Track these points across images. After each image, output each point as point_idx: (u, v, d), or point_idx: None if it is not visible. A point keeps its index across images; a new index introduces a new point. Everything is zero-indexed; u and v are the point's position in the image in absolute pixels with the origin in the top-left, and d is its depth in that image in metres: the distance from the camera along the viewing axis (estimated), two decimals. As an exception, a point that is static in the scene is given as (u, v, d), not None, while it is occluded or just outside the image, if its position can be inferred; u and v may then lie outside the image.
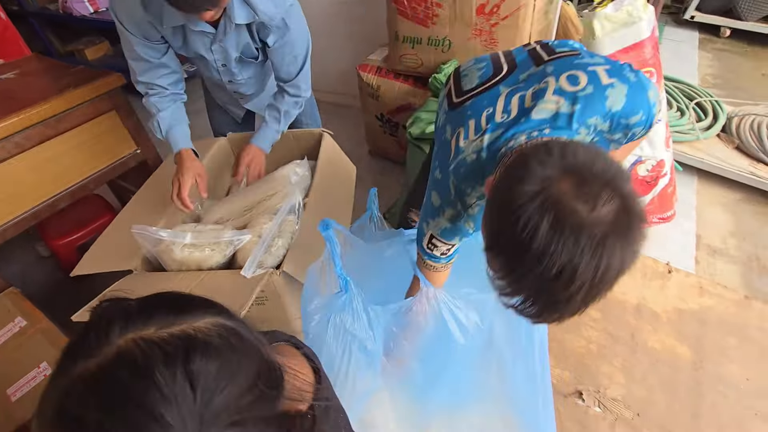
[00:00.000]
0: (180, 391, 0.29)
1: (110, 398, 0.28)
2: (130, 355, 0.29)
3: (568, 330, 1.48)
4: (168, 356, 0.30)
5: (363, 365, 0.88)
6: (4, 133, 1.22)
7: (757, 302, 1.54)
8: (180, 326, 0.32)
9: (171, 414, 0.28)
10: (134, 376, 0.29)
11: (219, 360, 0.31)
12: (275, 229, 0.97)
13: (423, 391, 1.03)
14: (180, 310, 0.34)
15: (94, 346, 0.30)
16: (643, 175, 1.65)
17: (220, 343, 0.33)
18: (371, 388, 0.93)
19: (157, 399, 0.28)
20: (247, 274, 0.89)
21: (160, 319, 0.32)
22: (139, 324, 0.31)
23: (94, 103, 1.40)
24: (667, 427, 1.23)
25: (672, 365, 1.37)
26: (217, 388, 0.30)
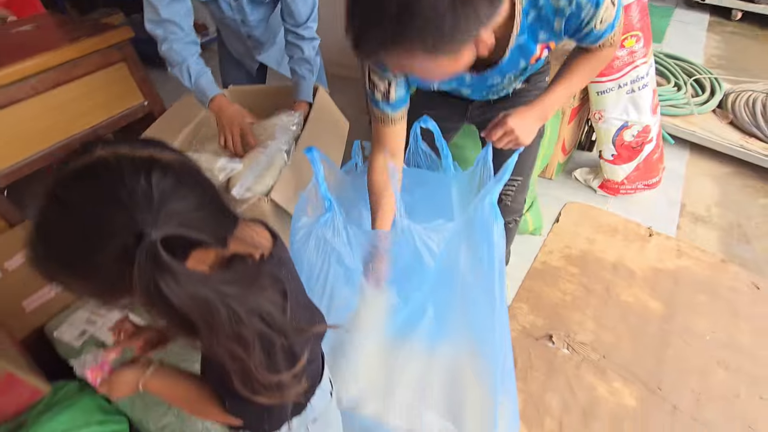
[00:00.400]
0: (141, 189, 0.37)
1: (88, 186, 0.37)
2: (107, 160, 0.38)
3: (547, 283, 1.56)
4: (135, 164, 0.38)
5: (341, 279, 0.97)
6: (22, 74, 1.32)
7: (732, 265, 1.60)
8: (148, 151, 0.41)
9: (132, 199, 0.37)
10: (108, 173, 0.37)
11: (176, 178, 0.40)
12: (265, 161, 1.05)
13: (399, 328, 1.11)
14: (151, 144, 0.42)
15: (81, 155, 0.39)
16: (629, 141, 1.69)
17: (179, 168, 0.41)
18: (349, 304, 1.01)
19: (123, 190, 0.37)
20: (236, 194, 0.98)
21: (132, 145, 0.41)
22: (116, 145, 0.40)
23: (104, 53, 1.49)
24: (630, 369, 1.30)
25: (642, 317, 1.44)
26: (172, 196, 0.39)
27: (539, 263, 1.63)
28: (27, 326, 1.11)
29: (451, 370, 1.07)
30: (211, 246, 0.44)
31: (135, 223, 0.36)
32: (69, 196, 0.37)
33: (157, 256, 0.36)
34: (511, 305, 1.49)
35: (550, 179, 1.99)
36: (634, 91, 1.58)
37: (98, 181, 0.37)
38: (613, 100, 1.61)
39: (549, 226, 1.78)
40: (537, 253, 1.67)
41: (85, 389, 0.97)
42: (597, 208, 1.84)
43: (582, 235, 1.72)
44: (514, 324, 1.43)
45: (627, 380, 1.28)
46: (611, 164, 1.77)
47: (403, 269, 1.03)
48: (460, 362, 1.07)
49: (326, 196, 0.94)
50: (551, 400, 1.24)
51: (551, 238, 1.72)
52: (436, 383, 1.08)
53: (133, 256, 0.36)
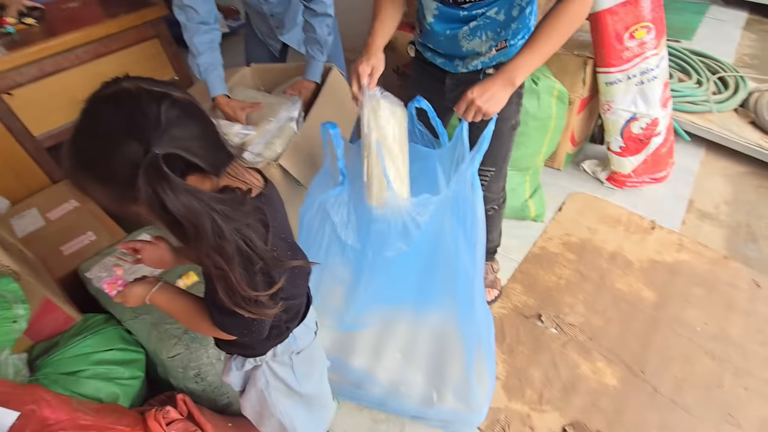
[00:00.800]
0: (153, 114, 0.47)
1: (112, 107, 0.48)
2: (129, 89, 0.48)
3: (543, 267, 1.60)
4: (151, 95, 0.48)
5: (335, 248, 1.06)
6: (69, 45, 1.47)
7: (734, 262, 1.60)
8: (164, 88, 0.50)
9: (144, 120, 0.47)
10: (128, 99, 0.48)
11: (182, 111, 0.50)
12: (275, 130, 1.15)
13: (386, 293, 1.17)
14: (167, 84, 0.52)
15: (110, 85, 0.49)
16: (636, 133, 1.71)
17: (187, 104, 0.51)
18: (340, 276, 1.10)
19: (138, 113, 0.47)
20: (246, 158, 1.09)
21: (151, 82, 0.51)
22: (138, 80, 0.50)
23: (140, 30, 1.63)
24: (615, 351, 1.35)
25: (633, 304, 1.47)
26: (177, 124, 0.49)
27: (538, 248, 1.68)
28: (64, 267, 1.26)
29: (437, 337, 1.15)
30: (206, 173, 0.54)
31: (145, 140, 0.46)
32: (96, 113, 0.48)
33: (159, 167, 0.46)
34: (505, 285, 1.55)
35: (559, 169, 2.02)
36: (644, 83, 1.59)
37: (120, 104, 0.48)
38: (622, 91, 1.62)
39: (552, 214, 1.82)
40: (537, 239, 1.71)
41: (110, 321, 1.11)
42: (602, 200, 1.86)
43: (583, 225, 1.75)
44: (506, 302, 1.50)
45: (611, 361, 1.32)
46: (619, 156, 1.79)
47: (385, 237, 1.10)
48: (445, 330, 1.14)
49: (343, 171, 1.01)
50: (534, 374, 1.30)
51: (552, 226, 1.76)
52: (422, 347, 1.16)
53: (139, 165, 0.46)
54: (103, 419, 0.88)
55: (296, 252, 0.70)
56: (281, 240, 0.64)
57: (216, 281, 0.54)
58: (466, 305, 1.06)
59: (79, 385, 0.95)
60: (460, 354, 1.10)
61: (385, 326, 1.17)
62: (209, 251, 0.51)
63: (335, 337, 1.18)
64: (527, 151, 1.57)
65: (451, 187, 0.95)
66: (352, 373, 1.18)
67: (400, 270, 1.07)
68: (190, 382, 1.05)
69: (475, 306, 1.08)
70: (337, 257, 1.09)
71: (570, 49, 1.69)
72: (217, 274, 0.53)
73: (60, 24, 1.58)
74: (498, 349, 1.37)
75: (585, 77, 1.68)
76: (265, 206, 0.62)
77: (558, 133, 1.64)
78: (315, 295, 1.11)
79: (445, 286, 1.07)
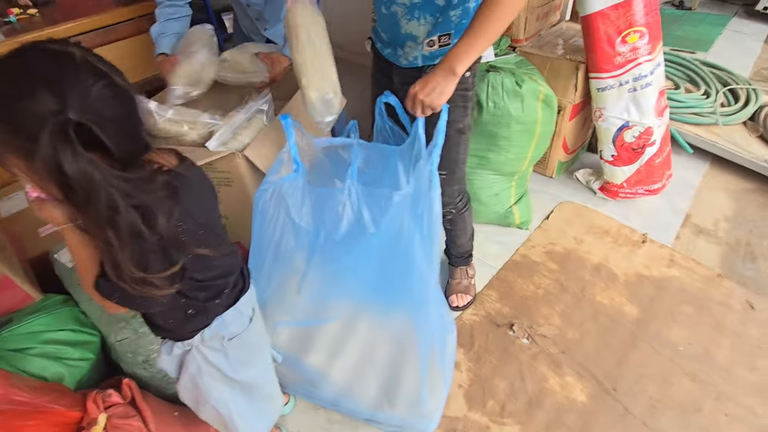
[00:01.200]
0: (84, 85, 0.48)
1: (51, 58, 0.49)
2: (74, 54, 0.49)
3: (522, 275, 1.55)
4: (92, 69, 0.49)
5: (289, 232, 1.05)
6: (63, 34, 1.52)
7: (729, 281, 1.51)
8: (109, 70, 0.52)
9: (73, 83, 0.47)
10: (69, 62, 0.49)
11: (114, 94, 0.51)
12: (243, 120, 1.15)
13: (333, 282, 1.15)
14: (115, 70, 0.53)
15: (61, 44, 0.51)
16: (629, 142, 1.64)
17: (120, 90, 0.52)
18: (294, 264, 1.08)
19: (72, 77, 0.48)
20: (210, 146, 1.09)
21: (102, 60, 0.52)
22: (90, 53, 0.51)
23: (136, 22, 1.67)
24: (587, 366, 1.28)
25: (613, 319, 1.40)
26: (102, 103, 0.49)
27: (519, 256, 1.62)
28: (37, 248, 1.29)
29: (392, 340, 1.11)
30: (114, 157, 0.53)
31: (64, 101, 0.46)
32: (32, 56, 0.49)
33: (66, 130, 0.46)
34: (481, 292, 1.51)
35: (551, 177, 1.96)
36: (637, 89, 1.53)
37: (57, 61, 0.48)
38: (614, 97, 1.57)
39: (539, 222, 1.76)
40: (519, 247, 1.66)
41: (68, 302, 1.12)
42: (592, 210, 1.79)
43: (570, 234, 1.69)
44: (479, 309, 1.45)
45: (582, 377, 1.26)
46: (611, 165, 1.72)
47: (346, 234, 1.08)
48: (401, 333, 1.11)
49: (296, 159, 1.02)
50: (499, 384, 1.25)
51: (537, 234, 1.71)
52: (377, 349, 1.13)
53: (47, 121, 0.45)
54: (40, 397, 0.88)
55: (210, 237, 0.68)
56: (193, 221, 0.63)
57: (102, 254, 0.53)
58: (421, 306, 1.03)
59: (24, 363, 0.96)
60: (414, 358, 1.07)
61: (342, 326, 1.14)
62: (99, 224, 0.51)
63: (291, 333, 1.17)
64: (509, 155, 1.52)
65: (411, 184, 0.93)
66: (306, 370, 1.16)
67: (354, 261, 1.05)
68: (139, 368, 1.05)
69: (429, 308, 1.05)
70: (291, 241, 1.08)
71: (562, 53, 1.65)
72: (103, 248, 0.52)
73: (64, 13, 1.63)
74: (464, 356, 1.32)
75: (577, 83, 1.63)
76: (178, 183, 0.61)
77: (546, 138, 1.60)
78: (268, 286, 1.11)
79: (401, 286, 1.05)
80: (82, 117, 0.47)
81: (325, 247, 1.03)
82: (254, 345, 0.85)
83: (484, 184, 1.62)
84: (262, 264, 1.09)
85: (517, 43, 1.72)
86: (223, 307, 0.75)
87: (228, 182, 1.22)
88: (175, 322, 0.71)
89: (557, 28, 1.89)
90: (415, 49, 1.01)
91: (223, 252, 0.71)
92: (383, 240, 1.01)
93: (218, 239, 0.70)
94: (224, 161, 1.16)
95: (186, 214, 0.60)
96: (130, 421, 0.95)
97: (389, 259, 1.03)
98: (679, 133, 1.97)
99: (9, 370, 0.91)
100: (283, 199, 1.03)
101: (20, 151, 0.48)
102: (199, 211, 0.66)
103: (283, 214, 1.02)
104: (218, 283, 0.72)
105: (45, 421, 0.86)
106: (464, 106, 1.05)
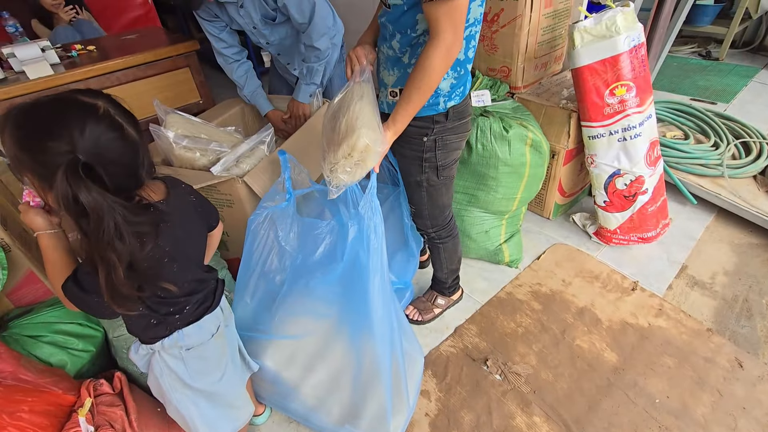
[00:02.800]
0: (96, 133, 0.62)
1: (76, 109, 0.62)
2: (98, 109, 0.63)
3: (504, 313, 1.58)
4: (109, 122, 0.63)
5: (275, 254, 1.17)
6: (111, 68, 1.77)
7: (718, 337, 1.47)
8: (126, 124, 0.66)
9: (86, 136, 0.61)
10: (91, 113, 0.62)
11: (122, 145, 0.65)
12: (246, 149, 1.30)
13: None
14: (132, 121, 0.67)
15: (90, 95, 0.65)
16: (620, 189, 1.67)
17: (128, 140, 0.66)
18: (273, 277, 1.19)
19: (89, 127, 0.61)
20: (214, 171, 1.25)
21: (124, 115, 0.66)
22: (114, 106, 0.65)
23: (174, 59, 1.92)
24: (556, 409, 1.29)
25: (591, 364, 1.40)
26: (108, 149, 0.63)
27: (504, 293, 1.66)
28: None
29: (362, 362, 1.18)
30: (109, 190, 0.66)
31: (76, 144, 0.60)
32: (67, 106, 0.62)
33: (76, 168, 0.60)
34: (461, 325, 1.55)
35: (548, 218, 2.00)
36: (627, 139, 1.58)
37: (83, 113, 0.62)
38: (605, 145, 1.62)
39: (530, 261, 1.79)
40: (506, 284, 1.70)
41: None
42: (584, 253, 1.81)
43: (558, 276, 1.71)
44: (457, 342, 1.49)
45: (549, 418, 1.27)
46: (604, 211, 1.75)
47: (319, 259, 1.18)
48: (370, 355, 1.17)
49: (289, 190, 1.16)
50: (465, 416, 1.28)
51: (526, 273, 1.74)
52: (347, 370, 1.20)
53: (62, 159, 0.59)
54: (43, 379, 1.02)
55: (181, 269, 0.79)
56: (163, 253, 0.74)
57: (102, 274, 0.64)
58: (378, 329, 1.10)
59: (35, 348, 1.10)
60: (378, 379, 1.13)
61: (317, 344, 1.22)
62: (105, 246, 0.63)
63: (271, 346, 1.26)
64: (497, 195, 1.59)
65: (354, 219, 1.04)
66: (281, 384, 1.24)
67: (321, 282, 1.14)
68: (130, 364, 1.17)
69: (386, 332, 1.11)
70: (275, 261, 1.21)
71: (557, 101, 1.73)
72: (104, 269, 0.64)
73: (111, 51, 1.90)
74: (436, 386, 1.36)
75: (570, 130, 1.70)
76: (156, 218, 0.72)
77: (536, 181, 1.66)
78: (251, 300, 1.22)
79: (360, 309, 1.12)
80: (89, 158, 0.61)
81: (301, 268, 1.14)
82: (212, 359, 0.93)
83: (474, 221, 1.69)
84: (248, 279, 1.21)
85: (516, 90, 1.82)
86: (183, 322, 0.85)
87: (229, 203, 1.36)
88: (137, 328, 0.83)
89: (560, 77, 1.97)
90: (386, 96, 1.13)
91: (189, 279, 0.82)
92: (346, 267, 1.11)
93: (191, 267, 0.82)
94: (226, 185, 1.31)
95: (158, 247, 0.72)
96: (115, 409, 1.06)
97: (350, 284, 1.12)
98: (683, 183, 1.97)
99: (21, 353, 1.06)
100: (274, 224, 1.16)
101: (40, 177, 0.63)
102: (175, 243, 0.77)
103: (272, 237, 1.15)
104: (180, 301, 0.82)
105: (43, 400, 0.99)
106: (419, 165, 1.14)
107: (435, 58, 0.88)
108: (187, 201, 0.83)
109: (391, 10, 0.96)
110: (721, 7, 3.56)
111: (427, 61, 0.88)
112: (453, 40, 0.87)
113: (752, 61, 3.56)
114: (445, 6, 0.83)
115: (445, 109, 1.06)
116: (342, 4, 3.13)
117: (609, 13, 1.45)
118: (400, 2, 0.93)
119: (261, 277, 1.20)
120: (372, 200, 1.00)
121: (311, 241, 1.16)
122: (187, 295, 0.84)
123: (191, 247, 0.85)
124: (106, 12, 2.87)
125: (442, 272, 1.46)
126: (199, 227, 0.87)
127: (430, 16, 0.85)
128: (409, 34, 0.97)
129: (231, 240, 1.51)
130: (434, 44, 0.87)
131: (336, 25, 1.63)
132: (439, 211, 1.28)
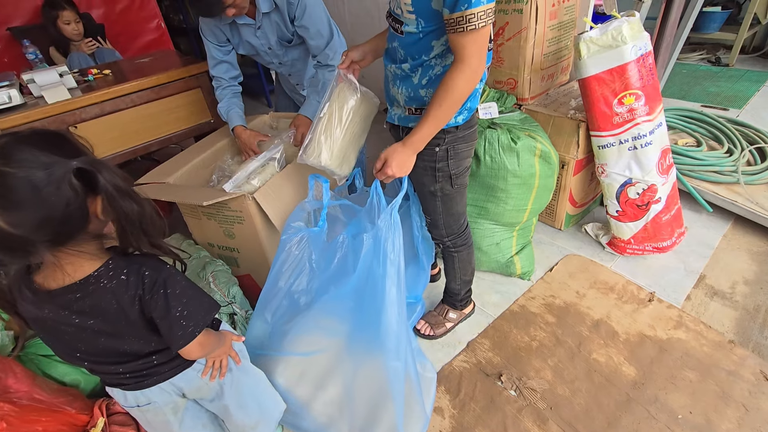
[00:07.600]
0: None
1: (36, 141, 0.62)
2: None
3: (517, 326, 1.55)
4: None
5: (304, 273, 1.18)
6: (126, 91, 1.82)
7: (741, 349, 1.43)
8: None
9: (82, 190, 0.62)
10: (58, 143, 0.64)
11: None
12: (257, 167, 1.32)
13: None
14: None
15: None
16: (633, 198, 1.65)
17: None
18: (297, 298, 1.20)
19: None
20: (226, 188, 1.26)
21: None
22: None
23: (186, 81, 1.96)
24: (574, 425, 1.25)
25: (609, 378, 1.36)
26: None
27: (517, 306, 1.63)
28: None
29: (374, 379, 1.17)
30: None
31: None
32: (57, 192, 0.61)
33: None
34: (474, 339, 1.52)
35: (560, 229, 1.97)
36: (637, 148, 1.56)
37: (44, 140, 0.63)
38: (615, 155, 1.60)
39: (543, 273, 1.77)
40: (519, 297, 1.67)
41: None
42: (599, 264, 1.77)
43: (572, 288, 1.68)
44: (470, 356, 1.46)
45: (567, 435, 1.23)
46: (616, 220, 1.72)
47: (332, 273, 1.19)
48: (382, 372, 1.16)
49: (323, 218, 1.19)
50: (480, 434, 1.25)
51: (539, 285, 1.71)
52: (359, 388, 1.18)
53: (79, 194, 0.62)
54: (57, 398, 1.03)
55: None
56: None
57: None
58: (392, 345, 1.09)
59: (50, 367, 1.11)
60: (389, 397, 1.11)
61: (328, 361, 1.21)
62: None
63: (283, 363, 1.25)
64: (507, 207, 1.58)
65: (372, 231, 1.04)
66: (292, 402, 1.22)
67: (336, 290, 1.15)
68: (143, 382, 1.17)
69: (401, 348, 1.10)
70: (303, 283, 1.22)
71: (564, 111, 1.72)
72: None
73: (126, 74, 1.96)
74: (450, 402, 1.34)
75: (578, 140, 1.69)
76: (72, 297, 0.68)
77: (547, 192, 1.64)
78: (271, 318, 1.22)
79: (372, 325, 1.11)
80: None
81: (319, 287, 1.14)
82: (153, 424, 0.90)
83: (485, 234, 1.68)
84: (273, 297, 1.22)
85: (523, 101, 1.82)
86: None
87: (240, 220, 1.38)
88: None
89: (567, 87, 1.97)
90: (396, 109, 1.15)
91: None
92: (359, 280, 1.11)
93: None
94: (237, 201, 1.32)
95: None
96: (127, 429, 1.06)
97: (362, 297, 1.12)
98: (697, 190, 1.94)
99: (36, 372, 1.07)
100: (308, 246, 1.17)
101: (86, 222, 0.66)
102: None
103: (306, 258, 1.16)
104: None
105: (57, 420, 0.99)
106: (432, 175, 1.16)
107: (461, 80, 0.91)
108: (119, 287, 0.70)
109: (404, 36, 0.98)
110: (728, 14, 3.54)
111: (453, 84, 0.92)
112: (478, 65, 0.92)
113: (764, 66, 3.52)
114: (472, 35, 0.86)
115: (455, 123, 1.08)
116: (347, 22, 3.22)
117: (615, 23, 1.45)
118: (415, 30, 0.95)
119: (287, 296, 1.20)
120: (393, 213, 1.01)
121: (327, 257, 1.17)
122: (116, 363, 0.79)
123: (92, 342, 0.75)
124: (120, 38, 2.97)
125: (455, 282, 1.45)
126: (120, 326, 0.73)
127: (457, 44, 0.89)
128: (421, 58, 1.00)
129: (241, 257, 1.52)
130: (461, 68, 0.91)
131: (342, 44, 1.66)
132: (454, 219, 1.28)
